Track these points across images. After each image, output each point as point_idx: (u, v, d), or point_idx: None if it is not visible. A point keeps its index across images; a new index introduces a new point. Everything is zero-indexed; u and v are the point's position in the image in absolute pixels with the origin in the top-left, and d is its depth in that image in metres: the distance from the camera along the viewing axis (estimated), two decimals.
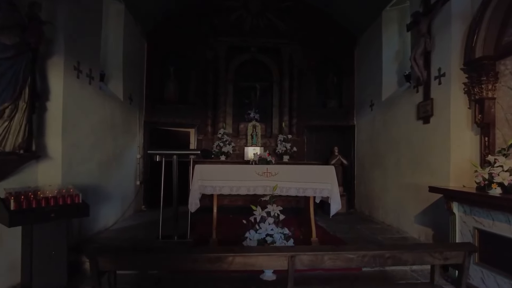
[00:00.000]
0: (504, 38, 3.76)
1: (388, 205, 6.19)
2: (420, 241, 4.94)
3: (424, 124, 4.92)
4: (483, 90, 3.87)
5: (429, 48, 4.76)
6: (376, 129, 6.80)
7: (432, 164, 4.71)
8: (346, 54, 8.17)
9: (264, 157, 4.47)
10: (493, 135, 3.88)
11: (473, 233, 3.50)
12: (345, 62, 8.20)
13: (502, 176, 3.32)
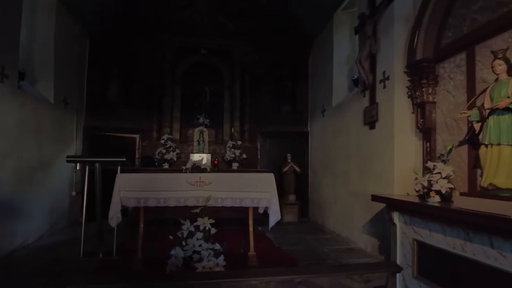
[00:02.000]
0: (443, 40, 3.63)
1: (338, 214, 5.97)
2: (367, 252, 4.71)
3: (370, 130, 4.74)
4: (424, 93, 3.72)
5: (374, 51, 4.60)
6: (327, 136, 6.60)
7: (378, 171, 4.52)
8: (301, 58, 7.99)
9: (198, 164, 4.08)
10: (434, 140, 3.72)
11: (412, 244, 3.27)
12: (300, 66, 8.01)
13: (440, 183, 3.13)
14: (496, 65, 2.56)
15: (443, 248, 2.83)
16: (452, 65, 3.48)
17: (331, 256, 4.49)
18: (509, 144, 2.42)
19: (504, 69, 2.54)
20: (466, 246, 2.59)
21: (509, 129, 2.43)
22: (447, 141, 3.52)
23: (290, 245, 5.14)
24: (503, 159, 2.45)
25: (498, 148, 2.48)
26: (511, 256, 2.21)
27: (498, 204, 2.31)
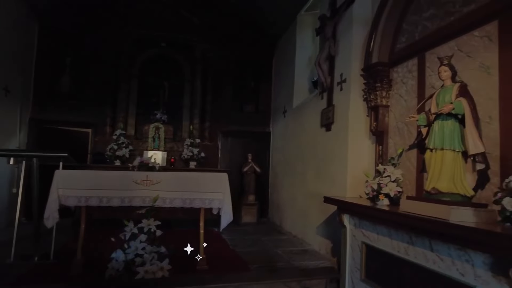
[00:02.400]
0: (397, 45, 3.68)
1: (295, 215, 5.95)
2: (320, 254, 4.71)
3: (327, 132, 4.74)
4: (378, 97, 3.75)
5: (333, 53, 4.60)
6: (288, 136, 6.58)
7: (332, 173, 4.52)
8: (265, 58, 7.92)
9: (146, 162, 3.86)
10: (386, 144, 3.76)
11: (361, 247, 3.27)
12: (264, 66, 7.95)
13: (389, 186, 3.15)
14: (442, 71, 2.60)
15: (389, 251, 2.83)
16: (405, 69, 3.53)
17: (284, 258, 4.44)
18: (451, 149, 2.45)
19: (449, 75, 2.58)
20: (409, 249, 2.60)
21: (452, 135, 2.46)
22: (399, 144, 3.56)
23: (245, 247, 5.04)
24: (446, 164, 2.47)
25: (441, 153, 2.50)
26: (447, 259, 2.23)
27: (439, 208, 2.33)
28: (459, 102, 2.40)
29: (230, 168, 7.45)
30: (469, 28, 2.72)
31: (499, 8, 2.46)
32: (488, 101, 2.54)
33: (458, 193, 2.43)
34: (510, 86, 2.37)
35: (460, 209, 2.26)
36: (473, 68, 2.68)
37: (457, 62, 2.81)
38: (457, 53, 2.83)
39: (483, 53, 2.62)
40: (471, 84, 2.66)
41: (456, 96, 2.47)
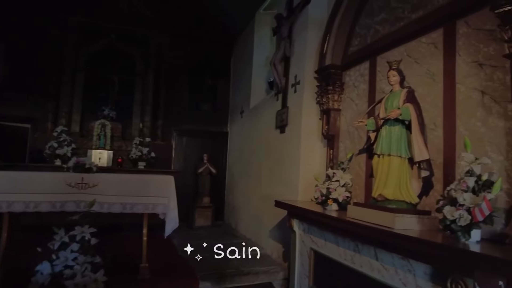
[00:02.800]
0: (350, 48, 3.65)
1: (250, 217, 5.82)
2: (272, 259, 4.60)
3: (281, 134, 4.65)
4: (330, 100, 3.70)
5: (288, 54, 4.51)
6: (244, 137, 6.44)
7: (285, 176, 4.43)
8: (223, 55, 7.71)
9: (82, 163, 3.52)
10: (337, 148, 3.72)
11: (309, 254, 3.19)
12: (222, 64, 7.73)
13: (338, 191, 3.09)
14: (391, 76, 2.57)
15: (336, 259, 2.77)
16: (357, 73, 3.51)
17: (233, 264, 4.27)
18: (397, 155, 2.42)
19: (397, 80, 2.56)
20: (355, 257, 2.54)
21: (399, 141, 2.43)
22: (349, 149, 3.53)
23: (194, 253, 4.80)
24: (392, 170, 2.44)
25: (388, 159, 2.47)
26: (391, 268, 2.19)
27: (384, 215, 2.28)
28: (406, 108, 2.38)
29: (184, 169, 7.20)
30: (417, 34, 2.73)
31: (444, 16, 2.47)
32: (433, 107, 2.55)
33: (404, 200, 2.40)
34: (452, 93, 2.38)
35: (405, 216, 2.23)
36: (421, 74, 2.69)
37: (406, 68, 2.80)
38: (406, 59, 2.83)
39: (429, 59, 2.62)
40: (418, 90, 2.66)
41: (403, 102, 2.45)
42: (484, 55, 2.19)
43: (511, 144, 1.99)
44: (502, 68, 2.07)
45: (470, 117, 2.25)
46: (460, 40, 2.37)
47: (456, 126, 2.34)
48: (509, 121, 2.01)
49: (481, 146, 2.16)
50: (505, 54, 1.93)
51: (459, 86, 2.34)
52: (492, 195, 1.84)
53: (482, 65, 2.20)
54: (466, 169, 1.98)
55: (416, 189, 2.47)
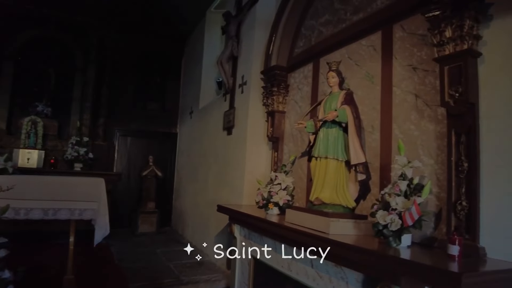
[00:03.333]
0: (295, 50, 3.60)
1: (196, 223, 5.58)
2: (216, 267, 4.40)
3: (228, 136, 4.49)
4: (275, 102, 3.61)
5: (235, 53, 4.38)
6: (193, 139, 6.19)
7: (231, 179, 4.28)
8: (174, 54, 7.41)
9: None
10: (281, 150, 3.63)
11: (249, 261, 3.05)
12: (173, 62, 7.43)
13: (280, 195, 2.99)
14: (330, 77, 2.51)
15: (274, 266, 2.65)
16: (301, 75, 3.46)
17: (174, 273, 4.02)
18: (334, 158, 2.36)
19: (336, 82, 2.51)
20: (292, 265, 2.43)
21: (336, 143, 2.37)
22: (292, 151, 3.45)
23: (133, 261, 4.48)
24: (329, 173, 2.37)
25: (325, 162, 2.40)
26: (326, 276, 2.10)
27: (320, 220, 2.20)
28: (343, 110, 2.33)
29: (128, 172, 6.80)
30: (358, 36, 2.71)
31: (382, 19, 2.47)
32: (371, 110, 2.53)
33: (340, 204, 2.34)
34: (389, 97, 2.37)
35: (340, 221, 2.16)
36: (360, 76, 2.67)
37: (347, 70, 2.78)
38: (347, 61, 2.81)
39: (368, 62, 2.61)
40: (358, 92, 2.64)
41: (341, 104, 2.39)
42: (418, 59, 2.20)
43: (440, 147, 2.00)
44: (433, 72, 2.08)
45: (405, 120, 2.25)
46: (396, 43, 2.37)
47: (392, 129, 2.33)
48: (439, 125, 2.02)
49: (414, 149, 2.15)
50: (434, 58, 1.93)
51: (395, 89, 2.34)
52: (422, 198, 1.81)
53: (416, 69, 2.21)
54: (399, 172, 1.96)
55: (353, 193, 2.43)
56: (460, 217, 1.77)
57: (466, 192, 1.77)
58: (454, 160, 1.84)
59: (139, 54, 7.02)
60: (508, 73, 1.71)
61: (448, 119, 1.89)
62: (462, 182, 1.80)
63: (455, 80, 1.83)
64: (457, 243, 1.58)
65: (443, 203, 1.92)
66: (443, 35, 1.87)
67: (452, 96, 1.83)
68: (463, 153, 1.81)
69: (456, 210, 1.79)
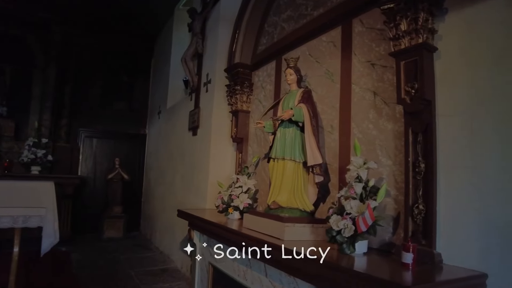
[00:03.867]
0: (259, 47, 3.46)
1: (164, 228, 5.35)
2: (181, 274, 4.21)
3: (194, 136, 4.30)
4: (238, 101, 3.46)
5: (200, 50, 4.21)
6: (161, 140, 5.96)
7: (196, 182, 4.09)
8: (143, 53, 7.15)
9: None
10: (245, 151, 3.49)
11: (208, 268, 2.88)
12: (142, 60, 7.16)
13: (241, 198, 2.84)
14: (288, 75, 2.38)
15: (230, 274, 2.49)
16: (265, 73, 3.32)
17: (134, 282, 3.81)
18: (291, 159, 2.22)
19: (295, 79, 2.38)
20: (247, 273, 2.29)
21: (293, 143, 2.24)
22: (256, 153, 3.31)
23: (92, 269, 4.23)
24: (287, 175, 2.24)
25: (283, 163, 2.27)
26: (279, 286, 1.96)
27: (275, 225, 2.06)
28: (299, 109, 2.20)
29: (94, 175, 6.50)
30: (318, 32, 2.59)
31: (342, 14, 2.36)
32: (331, 109, 2.42)
33: (298, 207, 2.21)
34: (348, 95, 2.26)
35: (296, 226, 2.03)
36: (320, 74, 2.55)
37: (308, 68, 2.67)
38: (308, 58, 2.69)
39: (328, 59, 2.50)
40: (318, 91, 2.53)
41: (298, 102, 2.27)
42: (376, 54, 2.10)
43: (399, 147, 1.89)
44: (391, 68, 1.98)
45: (363, 119, 2.14)
46: (355, 39, 2.27)
47: (351, 129, 2.22)
48: (397, 124, 1.92)
49: (372, 149, 2.05)
50: (390, 53, 1.83)
51: (354, 87, 2.23)
52: (377, 202, 1.70)
53: (374, 65, 2.11)
54: (354, 174, 1.84)
55: (312, 196, 2.31)
56: (417, 221, 1.67)
57: (423, 194, 1.67)
58: (411, 161, 1.74)
59: (106, 52, 6.71)
60: (464, 69, 1.63)
61: (405, 117, 1.79)
62: (419, 184, 1.70)
63: (411, 76, 1.73)
64: (411, 250, 1.47)
65: (401, 206, 1.82)
66: (398, 29, 1.77)
67: (408, 93, 1.73)
68: (420, 153, 1.71)
69: (413, 214, 1.68)
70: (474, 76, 1.58)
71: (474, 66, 1.59)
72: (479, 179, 1.51)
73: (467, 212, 1.53)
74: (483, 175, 1.50)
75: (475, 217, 1.50)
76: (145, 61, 7.18)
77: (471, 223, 1.51)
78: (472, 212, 1.51)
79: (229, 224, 2.51)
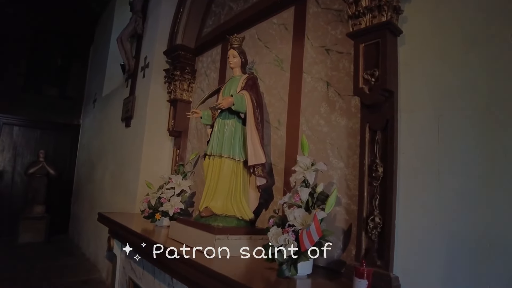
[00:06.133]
0: (204, 29, 3.05)
1: (91, 232, 4.69)
2: (105, 285, 3.64)
3: (126, 128, 3.76)
4: (177, 89, 3.02)
5: (140, 31, 3.69)
6: (94, 132, 5.29)
7: (125, 181, 3.56)
8: (83, 33, 6.34)
9: None
10: (184, 147, 3.05)
11: (128, 284, 2.41)
12: (80, 43, 6.36)
13: (172, 202, 2.40)
14: (231, 56, 2.01)
15: None
16: (209, 59, 2.92)
17: None
18: (230, 157, 1.85)
19: (238, 63, 2.01)
20: None
21: (232, 138, 1.87)
22: (196, 149, 2.89)
23: None
24: (223, 176, 1.86)
25: (220, 161, 1.88)
26: None
27: (205, 237, 1.67)
28: (240, 96, 1.83)
29: (13, 169, 5.62)
30: (270, 13, 2.26)
31: None
32: (279, 101, 2.08)
33: (235, 215, 1.84)
34: (298, 85, 1.94)
35: (230, 239, 1.66)
36: (269, 61, 2.22)
37: (256, 54, 2.32)
38: (257, 43, 2.34)
39: (279, 44, 2.17)
40: (265, 80, 2.19)
41: (241, 89, 1.90)
42: (332, 39, 1.80)
43: (353, 147, 1.60)
44: (347, 55, 1.69)
45: (313, 113, 1.83)
46: (309, 21, 1.96)
47: (300, 124, 1.90)
48: (352, 120, 1.63)
49: (322, 149, 1.74)
50: (348, 33, 1.53)
51: (306, 76, 1.92)
52: (325, 213, 1.38)
53: (329, 51, 1.81)
54: (300, 177, 1.51)
55: (253, 201, 1.95)
56: (372, 237, 1.37)
57: (380, 204, 1.39)
58: (367, 164, 1.45)
59: (35, 29, 5.84)
60: (431, 58, 1.36)
61: (362, 111, 1.50)
62: (375, 192, 1.41)
63: (371, 62, 1.44)
64: (365, 276, 1.16)
65: (354, 217, 1.52)
66: (359, 4, 1.47)
67: (367, 82, 1.43)
68: (378, 155, 1.43)
69: (368, 227, 1.39)
70: (442, 66, 1.33)
71: (442, 54, 1.33)
72: (446, 186, 1.24)
73: (431, 226, 1.26)
74: (450, 181, 1.23)
75: (439, 231, 1.24)
76: (84, 45, 6.39)
77: (434, 240, 1.25)
78: (437, 226, 1.25)
79: (153, 234, 2.07)
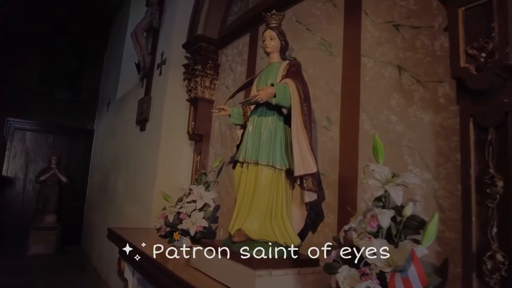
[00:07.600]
0: (229, 17, 2.67)
1: (103, 245, 4.35)
2: None
3: (141, 132, 3.41)
4: (198, 86, 2.64)
5: (156, 25, 3.35)
6: (108, 137, 4.99)
7: (140, 191, 3.20)
8: (98, 34, 6.13)
9: None
10: (206, 153, 2.66)
11: None
12: (94, 44, 6.14)
13: (193, 218, 2.00)
14: (267, 38, 1.59)
15: None
16: (235, 51, 2.53)
17: None
18: (269, 164, 1.43)
19: (277, 46, 1.59)
20: None
21: (272, 141, 1.45)
22: (220, 155, 2.50)
23: None
24: (261, 190, 1.44)
25: (255, 170, 1.47)
26: None
27: (240, 273, 1.26)
28: (283, 86, 1.41)
29: (25, 175, 5.38)
30: None
31: None
32: (328, 94, 1.67)
33: (277, 241, 1.42)
34: (355, 73, 1.52)
35: (273, 275, 1.24)
36: (313, 46, 1.81)
37: (294, 39, 1.91)
38: (295, 26, 1.94)
39: (325, 25, 1.76)
40: (308, 70, 1.78)
41: (282, 78, 1.49)
42: (402, 11, 1.38)
43: (444, 152, 1.17)
44: (429, 28, 1.26)
45: (381, 107, 1.40)
46: None
47: (360, 122, 1.47)
48: (441, 114, 1.19)
49: (398, 154, 1.31)
50: None
51: (366, 61, 1.50)
52: (424, 247, 0.94)
53: (400, 27, 1.38)
54: (376, 193, 1.08)
55: (298, 222, 1.53)
56: (491, 282, 0.93)
57: (499, 234, 0.94)
58: (475, 174, 1.01)
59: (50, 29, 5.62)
60: None
61: (463, 100, 1.07)
62: (490, 216, 0.96)
63: (478, 31, 1.01)
64: None
65: (451, 250, 1.08)
66: None
67: (473, 59, 1.00)
68: (492, 163, 0.98)
69: (484, 268, 0.94)
70: None
71: None
72: None
73: None
74: None
75: None
76: (98, 45, 6.16)
77: None
78: None
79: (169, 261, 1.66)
